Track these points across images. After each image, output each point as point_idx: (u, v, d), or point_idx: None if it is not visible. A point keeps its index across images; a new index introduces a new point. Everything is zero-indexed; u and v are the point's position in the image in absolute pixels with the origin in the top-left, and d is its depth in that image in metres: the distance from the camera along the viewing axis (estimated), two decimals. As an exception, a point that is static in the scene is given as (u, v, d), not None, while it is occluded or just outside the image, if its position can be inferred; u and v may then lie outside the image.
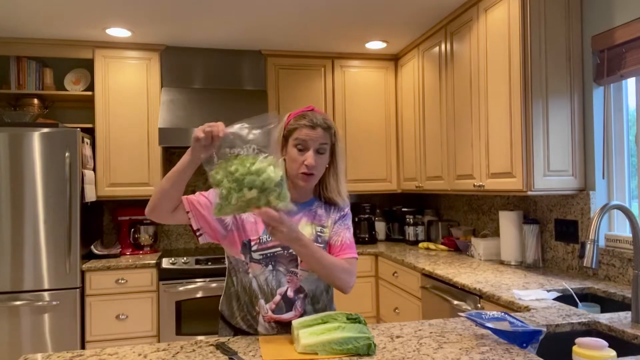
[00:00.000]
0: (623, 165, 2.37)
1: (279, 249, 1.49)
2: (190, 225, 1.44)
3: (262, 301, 1.49)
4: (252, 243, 1.49)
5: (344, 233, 1.58)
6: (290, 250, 1.48)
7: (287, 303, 1.49)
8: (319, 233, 1.54)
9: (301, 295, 1.50)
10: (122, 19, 3.10)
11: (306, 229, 1.53)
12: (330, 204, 1.60)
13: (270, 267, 1.48)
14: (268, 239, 1.48)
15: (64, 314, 3.05)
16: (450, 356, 1.30)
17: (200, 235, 1.46)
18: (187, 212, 1.43)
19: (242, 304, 1.53)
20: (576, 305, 2.04)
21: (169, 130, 3.34)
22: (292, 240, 1.35)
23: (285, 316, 1.50)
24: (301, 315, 1.50)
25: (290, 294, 1.49)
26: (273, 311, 1.49)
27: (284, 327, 1.51)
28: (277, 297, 1.49)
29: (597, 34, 2.38)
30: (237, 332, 1.55)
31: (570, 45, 2.46)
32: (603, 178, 2.41)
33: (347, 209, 1.63)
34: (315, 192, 1.60)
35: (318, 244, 1.51)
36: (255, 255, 1.48)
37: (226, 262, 1.61)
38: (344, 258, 1.52)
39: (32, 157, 3.03)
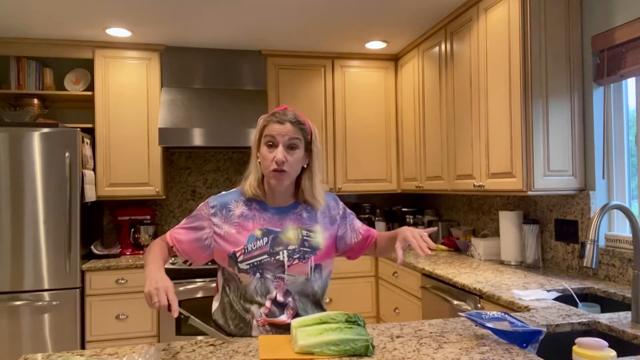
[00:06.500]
0: (623, 165, 2.37)
1: (265, 256, 1.48)
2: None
3: (254, 307, 1.49)
4: (238, 254, 1.48)
5: (356, 224, 1.67)
6: (278, 257, 1.48)
7: (279, 307, 1.49)
8: (304, 237, 1.53)
9: (290, 299, 1.50)
10: (122, 19, 3.10)
11: (291, 234, 1.52)
12: (313, 207, 1.58)
13: (258, 274, 1.48)
14: (253, 248, 1.48)
15: (64, 314, 3.05)
16: (450, 356, 1.30)
17: (191, 264, 1.56)
18: (172, 247, 1.52)
19: (235, 312, 1.53)
20: (576, 305, 2.04)
21: (169, 130, 3.34)
22: None
23: (279, 319, 1.50)
24: (295, 315, 1.50)
25: (280, 298, 1.49)
26: (267, 315, 1.49)
27: (279, 330, 1.50)
28: (268, 303, 1.48)
29: (597, 34, 2.38)
30: (231, 336, 1.55)
31: (570, 45, 2.46)
32: (603, 178, 2.41)
33: (342, 206, 1.66)
34: (296, 197, 1.58)
35: (305, 248, 1.51)
36: (243, 266, 1.48)
37: (220, 274, 1.62)
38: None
39: (32, 157, 3.03)
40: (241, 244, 1.48)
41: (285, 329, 1.50)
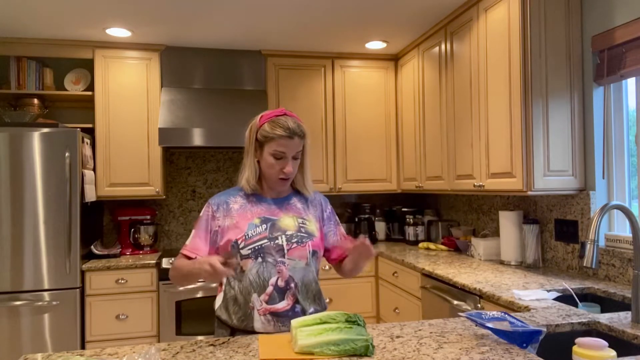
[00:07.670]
0: (623, 165, 2.37)
1: (265, 240, 1.56)
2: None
3: (255, 295, 1.55)
4: (239, 242, 1.56)
5: (339, 230, 1.78)
6: (277, 241, 1.57)
7: (279, 293, 1.55)
8: (301, 224, 1.64)
9: (292, 285, 1.56)
10: (122, 19, 3.10)
11: (288, 221, 1.63)
12: (305, 197, 1.73)
13: (259, 259, 1.55)
14: (253, 234, 1.57)
15: (64, 314, 3.05)
16: (450, 356, 1.30)
17: None
18: (195, 258, 1.58)
19: (239, 304, 1.57)
20: (576, 305, 2.04)
21: (169, 130, 3.34)
22: None
23: (279, 306, 1.55)
24: (294, 303, 1.56)
25: (280, 283, 1.55)
26: (267, 302, 1.54)
27: (280, 319, 1.55)
28: (270, 288, 1.55)
29: (597, 34, 2.38)
30: (234, 331, 1.58)
31: (570, 45, 2.46)
32: (603, 178, 2.41)
33: (330, 208, 1.78)
34: (291, 187, 1.73)
35: (302, 233, 1.62)
36: (244, 251, 1.55)
37: None
38: None
39: (32, 157, 3.03)
40: (242, 232, 1.57)
41: (286, 317, 1.54)
